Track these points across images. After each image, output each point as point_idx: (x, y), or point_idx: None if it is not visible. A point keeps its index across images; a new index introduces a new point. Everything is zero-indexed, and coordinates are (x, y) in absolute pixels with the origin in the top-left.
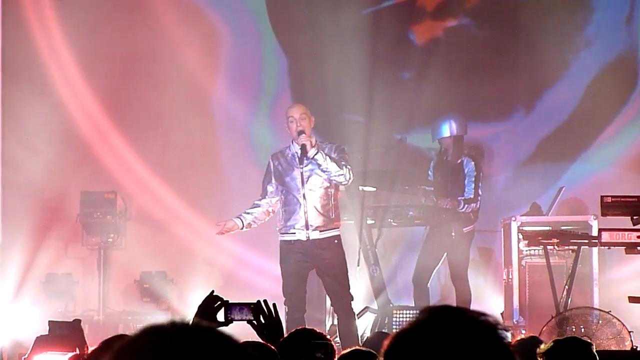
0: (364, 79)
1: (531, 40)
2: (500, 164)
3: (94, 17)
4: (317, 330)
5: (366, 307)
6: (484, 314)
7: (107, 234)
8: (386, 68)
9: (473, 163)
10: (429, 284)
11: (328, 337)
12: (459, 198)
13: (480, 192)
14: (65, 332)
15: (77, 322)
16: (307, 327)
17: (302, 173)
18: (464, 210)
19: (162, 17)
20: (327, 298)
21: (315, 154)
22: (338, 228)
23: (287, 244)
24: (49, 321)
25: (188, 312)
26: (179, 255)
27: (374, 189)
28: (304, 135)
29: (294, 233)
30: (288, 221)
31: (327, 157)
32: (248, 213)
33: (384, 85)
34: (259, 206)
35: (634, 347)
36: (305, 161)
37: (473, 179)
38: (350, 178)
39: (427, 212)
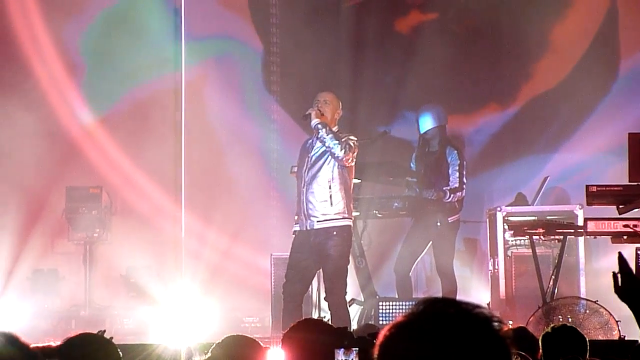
0: (347, 71)
1: (513, 31)
2: (484, 154)
3: (81, 10)
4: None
5: (352, 299)
6: (478, 306)
7: (92, 229)
8: (369, 60)
9: (456, 152)
10: (410, 274)
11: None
12: (445, 188)
13: (465, 180)
14: None
15: None
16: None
17: (307, 160)
18: (450, 199)
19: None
20: (314, 291)
21: (318, 124)
22: (339, 219)
23: (295, 234)
24: None
25: (173, 306)
26: (164, 249)
27: (359, 181)
28: (312, 108)
29: (298, 222)
30: (296, 210)
31: (328, 128)
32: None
33: (367, 78)
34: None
35: (622, 337)
36: (312, 149)
37: (457, 168)
38: (344, 152)
39: (412, 203)
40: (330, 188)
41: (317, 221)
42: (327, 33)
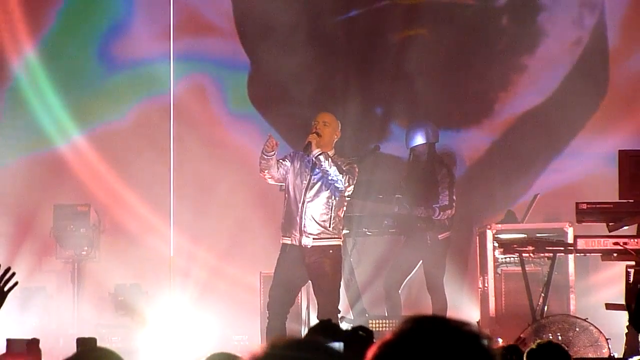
0: (336, 87)
1: (501, 48)
2: (474, 171)
3: (69, 27)
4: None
5: (342, 317)
6: (466, 323)
7: (80, 247)
8: (358, 76)
9: (446, 169)
10: (399, 291)
11: None
12: (434, 206)
13: (455, 198)
14: (23, 351)
15: (36, 341)
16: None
17: (309, 180)
18: (439, 217)
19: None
20: (303, 309)
21: (319, 154)
22: (335, 239)
23: (283, 248)
24: (7, 339)
25: (162, 324)
26: (153, 267)
27: (348, 198)
28: (312, 134)
29: (289, 237)
30: (286, 223)
31: (330, 160)
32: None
33: (356, 93)
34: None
35: (612, 355)
36: (314, 169)
37: (447, 185)
38: (346, 185)
39: (402, 221)
40: (332, 210)
41: (314, 239)
42: (314, 48)
